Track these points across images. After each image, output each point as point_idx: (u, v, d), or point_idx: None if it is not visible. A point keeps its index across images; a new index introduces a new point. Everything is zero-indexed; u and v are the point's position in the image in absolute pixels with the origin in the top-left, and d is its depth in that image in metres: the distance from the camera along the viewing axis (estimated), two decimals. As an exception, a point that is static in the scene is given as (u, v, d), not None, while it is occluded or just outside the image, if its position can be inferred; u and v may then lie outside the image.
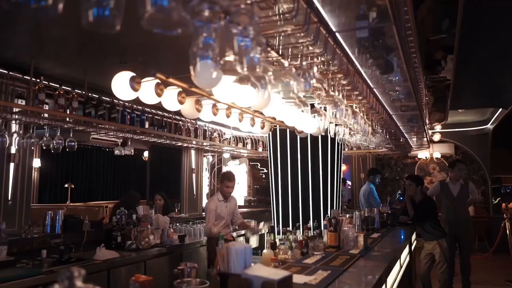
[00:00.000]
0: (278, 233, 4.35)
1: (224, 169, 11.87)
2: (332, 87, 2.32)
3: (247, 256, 1.62)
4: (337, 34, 1.88)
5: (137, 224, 4.47)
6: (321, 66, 2.07)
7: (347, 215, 4.49)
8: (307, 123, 3.23)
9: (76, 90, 4.23)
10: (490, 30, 4.44)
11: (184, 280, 2.02)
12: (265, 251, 2.65)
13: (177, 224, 5.34)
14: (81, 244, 4.08)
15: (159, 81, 2.39)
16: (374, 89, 3.03)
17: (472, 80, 5.99)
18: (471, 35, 4.43)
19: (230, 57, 1.52)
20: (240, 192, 11.64)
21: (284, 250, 2.68)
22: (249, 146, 8.46)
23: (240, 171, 12.05)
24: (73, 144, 4.24)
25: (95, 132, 4.69)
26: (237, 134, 8.15)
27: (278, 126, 5.55)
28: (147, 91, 2.37)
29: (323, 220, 4.95)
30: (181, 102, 2.55)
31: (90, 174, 11.85)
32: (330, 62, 1.98)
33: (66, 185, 9.60)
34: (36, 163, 9.58)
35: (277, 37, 1.77)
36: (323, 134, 3.43)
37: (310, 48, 1.93)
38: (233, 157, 11.50)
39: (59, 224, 3.95)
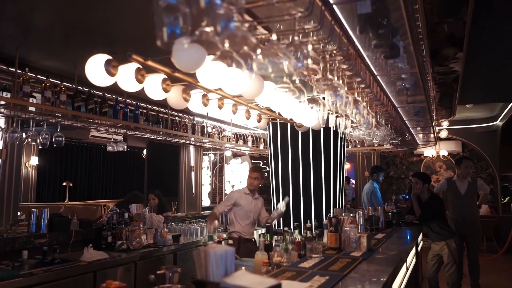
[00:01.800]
0: (275, 233, 4.11)
1: (226, 168, 11.69)
2: (330, 72, 2.09)
3: (229, 261, 1.40)
4: (335, 6, 1.65)
5: (128, 223, 4.27)
6: (318, 46, 1.83)
7: (351, 214, 4.25)
8: (306, 115, 3.00)
9: (64, 83, 4.03)
10: (502, 18, 4.18)
11: (162, 286, 1.80)
12: (258, 253, 2.42)
13: (173, 223, 5.12)
14: (68, 244, 3.88)
15: (140, 66, 2.17)
16: (378, 77, 2.78)
17: (481, 73, 5.73)
18: (482, 23, 4.19)
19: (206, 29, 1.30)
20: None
21: (279, 252, 2.45)
22: (250, 143, 8.25)
23: (242, 170, 11.93)
24: (60, 139, 4.04)
25: (85, 127, 4.46)
26: (238, 131, 7.95)
27: (278, 120, 5.34)
28: (126, 77, 2.14)
29: (325, 219, 4.72)
30: (165, 90, 2.32)
31: (89, 172, 11.68)
32: (327, 41, 1.74)
33: (64, 183, 9.41)
34: (34, 160, 9.42)
35: (265, 9, 1.54)
36: (323, 126, 3.21)
37: (306, 26, 1.69)
38: (235, 155, 11.30)
39: (45, 223, 3.73)
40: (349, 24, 1.90)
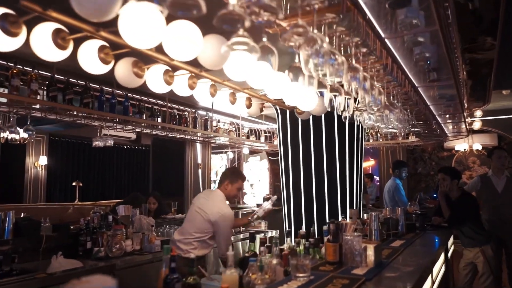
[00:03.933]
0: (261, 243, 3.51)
1: (245, 165, 11.18)
2: (311, 27, 1.50)
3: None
4: None
5: (111, 226, 3.78)
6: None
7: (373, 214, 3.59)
8: (298, 95, 2.41)
9: (37, 71, 3.61)
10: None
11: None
12: (226, 270, 1.84)
13: (167, 227, 4.61)
14: (39, 251, 3.42)
15: (61, 27, 1.64)
16: (387, 41, 2.15)
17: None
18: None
19: None
20: (262, 189, 11.09)
21: (255, 269, 1.87)
22: (262, 139, 7.72)
23: (261, 167, 11.49)
24: (31, 132, 3.62)
25: (64, 120, 4.00)
26: (252, 126, 7.44)
27: (288, 111, 4.77)
28: (40, 40, 1.62)
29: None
30: (104, 61, 1.79)
31: (102, 171, 11.39)
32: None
33: (74, 183, 9.14)
34: (43, 160, 9.19)
35: None
36: (318, 112, 2.62)
37: None
38: (252, 152, 10.80)
39: (9, 228, 3.28)
40: None
